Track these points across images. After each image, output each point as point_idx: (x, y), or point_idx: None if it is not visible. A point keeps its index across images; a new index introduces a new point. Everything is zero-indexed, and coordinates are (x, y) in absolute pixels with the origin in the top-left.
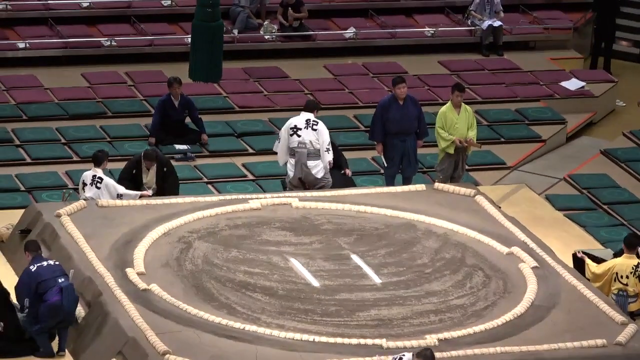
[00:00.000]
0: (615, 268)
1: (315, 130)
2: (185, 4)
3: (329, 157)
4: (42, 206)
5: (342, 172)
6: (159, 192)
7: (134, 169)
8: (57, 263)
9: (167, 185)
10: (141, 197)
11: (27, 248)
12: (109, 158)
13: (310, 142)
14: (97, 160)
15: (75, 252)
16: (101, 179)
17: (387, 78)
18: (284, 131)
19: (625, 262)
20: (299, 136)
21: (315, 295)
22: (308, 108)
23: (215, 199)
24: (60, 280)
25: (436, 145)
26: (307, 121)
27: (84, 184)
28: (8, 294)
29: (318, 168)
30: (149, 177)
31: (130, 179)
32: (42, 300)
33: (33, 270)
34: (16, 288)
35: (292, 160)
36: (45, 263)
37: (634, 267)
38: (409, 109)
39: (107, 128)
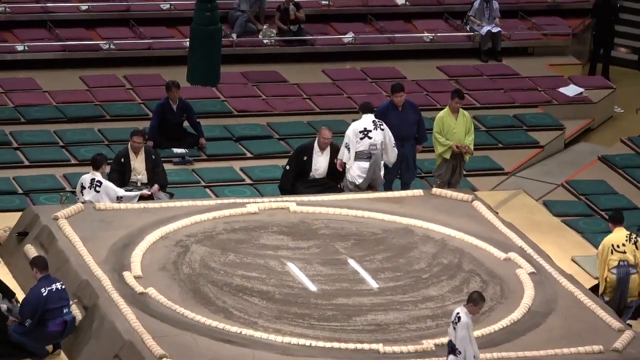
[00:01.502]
0: (610, 242)
1: (382, 130)
2: (184, 8)
3: (395, 152)
4: (40, 209)
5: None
6: (149, 181)
7: (122, 157)
8: (63, 287)
9: (156, 175)
10: (141, 197)
11: (36, 265)
12: (107, 161)
13: (381, 142)
14: (96, 163)
15: (73, 255)
16: (100, 182)
17: (386, 83)
18: (352, 137)
19: (617, 235)
20: (370, 138)
21: (312, 299)
22: (367, 109)
23: (213, 203)
24: (65, 311)
25: (434, 151)
26: (374, 122)
27: (83, 187)
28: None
29: (382, 168)
30: (137, 163)
31: (120, 169)
32: (44, 324)
33: (44, 294)
34: (23, 305)
35: (363, 165)
36: (54, 287)
37: (628, 236)
38: (408, 115)
39: (105, 131)
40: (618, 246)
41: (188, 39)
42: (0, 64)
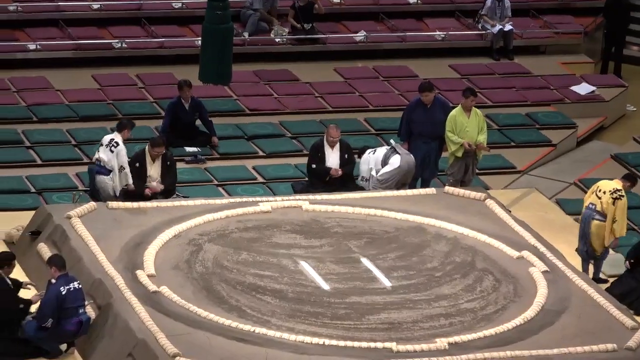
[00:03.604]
0: (600, 184)
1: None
2: (195, 7)
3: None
4: (53, 208)
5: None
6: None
7: (137, 162)
8: (80, 287)
9: (168, 176)
10: (148, 189)
11: (55, 264)
12: (132, 127)
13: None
14: (120, 126)
15: (86, 254)
16: (117, 143)
17: (398, 81)
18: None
19: (610, 182)
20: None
21: (326, 298)
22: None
23: (226, 202)
24: (80, 311)
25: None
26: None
27: (100, 145)
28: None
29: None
30: (153, 169)
31: (135, 174)
32: (59, 323)
33: (63, 293)
34: (43, 304)
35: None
36: (72, 287)
37: (615, 189)
38: (435, 113)
39: None
40: (601, 191)
41: (200, 38)
42: (13, 62)
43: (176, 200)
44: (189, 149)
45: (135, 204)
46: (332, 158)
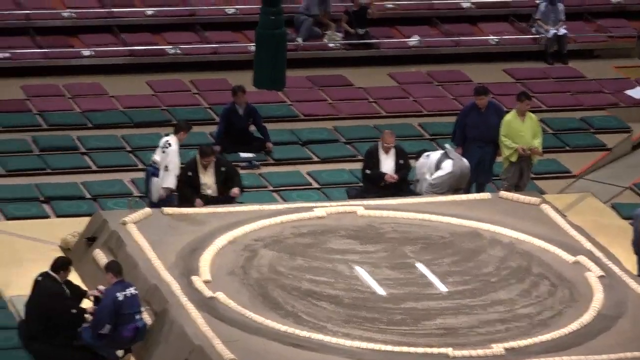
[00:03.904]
0: None
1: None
2: (249, 12)
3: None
4: (108, 214)
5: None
6: (220, 194)
7: (190, 171)
8: (136, 293)
9: (234, 182)
10: (195, 204)
11: (112, 270)
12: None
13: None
14: (176, 127)
15: (141, 260)
16: (170, 144)
17: (452, 86)
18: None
19: None
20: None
21: (381, 303)
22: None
23: (281, 207)
24: (137, 317)
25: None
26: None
27: (157, 146)
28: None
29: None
30: (207, 178)
31: (188, 183)
32: (116, 329)
33: (120, 299)
34: (99, 311)
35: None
36: (128, 293)
37: None
38: (490, 117)
39: None
40: None
41: (253, 43)
42: (67, 69)
43: (231, 206)
44: (243, 155)
45: (190, 210)
46: (387, 163)
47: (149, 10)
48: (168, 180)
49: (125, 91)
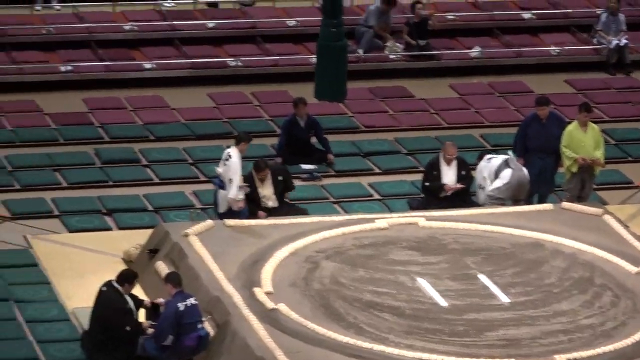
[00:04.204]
0: None
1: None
2: (310, 24)
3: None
4: (170, 226)
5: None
6: (281, 203)
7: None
8: (197, 303)
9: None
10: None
11: (171, 280)
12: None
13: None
14: (237, 139)
15: (203, 272)
16: (230, 156)
17: (513, 97)
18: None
19: None
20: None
21: (443, 315)
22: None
23: (342, 219)
24: (199, 327)
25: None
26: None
27: (221, 159)
28: (134, 312)
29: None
30: (265, 190)
31: (250, 198)
32: (178, 339)
33: (181, 309)
34: (161, 322)
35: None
36: (189, 303)
37: None
38: (551, 128)
39: None
40: None
41: (314, 55)
42: (129, 82)
43: (293, 218)
44: (304, 167)
45: (252, 222)
46: (449, 175)
47: (210, 23)
48: (232, 191)
49: (186, 103)
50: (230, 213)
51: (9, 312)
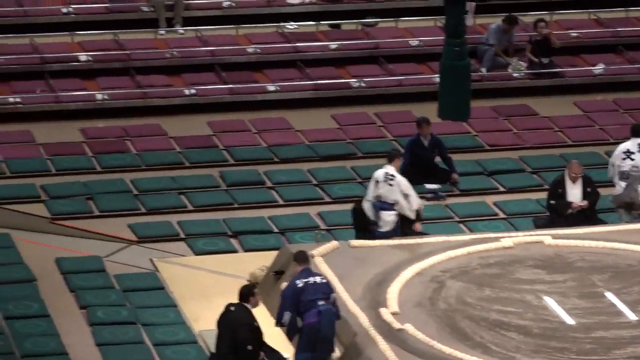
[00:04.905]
0: None
1: None
2: (433, 44)
3: None
4: (295, 247)
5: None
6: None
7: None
8: (324, 281)
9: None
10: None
11: (297, 259)
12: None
13: None
14: (390, 157)
15: None
16: (393, 176)
17: (638, 113)
18: (617, 155)
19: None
20: (632, 160)
21: (571, 333)
22: (636, 133)
23: (467, 238)
24: (320, 303)
25: None
26: (639, 145)
27: (377, 182)
28: (261, 333)
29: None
30: (572, 195)
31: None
32: (300, 318)
33: (299, 286)
34: (282, 301)
35: (622, 183)
36: (311, 280)
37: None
38: None
39: (357, 169)
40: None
41: (437, 75)
42: (252, 104)
43: (418, 238)
44: (429, 186)
45: (377, 242)
46: (574, 193)
47: (333, 44)
48: (415, 202)
49: (310, 125)
50: (394, 232)
51: (137, 335)
